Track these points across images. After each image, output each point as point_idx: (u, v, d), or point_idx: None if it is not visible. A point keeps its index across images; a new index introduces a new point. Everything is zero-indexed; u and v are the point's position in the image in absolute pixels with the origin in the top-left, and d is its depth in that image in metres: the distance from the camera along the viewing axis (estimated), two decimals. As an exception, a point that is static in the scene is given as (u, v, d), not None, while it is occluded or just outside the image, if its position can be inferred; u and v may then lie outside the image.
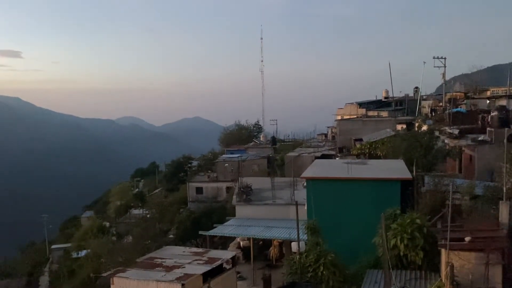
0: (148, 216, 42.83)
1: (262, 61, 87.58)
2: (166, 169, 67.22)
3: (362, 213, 20.07)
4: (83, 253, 35.89)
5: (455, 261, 13.67)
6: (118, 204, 60.28)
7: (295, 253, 18.77)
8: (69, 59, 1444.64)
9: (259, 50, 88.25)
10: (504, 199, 17.27)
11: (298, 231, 18.09)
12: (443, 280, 13.30)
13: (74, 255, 38.64)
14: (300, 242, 18.12)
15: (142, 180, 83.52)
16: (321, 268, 15.92)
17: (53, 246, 50.80)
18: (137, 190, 69.90)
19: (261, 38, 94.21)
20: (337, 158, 38.45)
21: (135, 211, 54.29)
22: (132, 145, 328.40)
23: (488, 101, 53.25)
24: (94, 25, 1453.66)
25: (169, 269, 19.36)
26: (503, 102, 48.52)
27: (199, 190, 44.95)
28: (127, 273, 19.29)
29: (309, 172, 23.38)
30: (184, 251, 22.65)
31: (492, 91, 60.13)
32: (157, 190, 63.70)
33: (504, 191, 17.55)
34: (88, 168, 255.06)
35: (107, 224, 48.54)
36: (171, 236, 36.55)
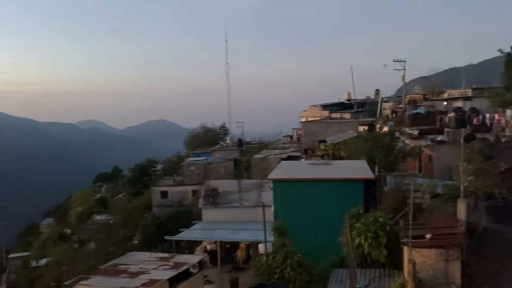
0: (111, 222, 41.75)
1: (227, 63, 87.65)
2: (130, 173, 65.79)
3: (327, 213, 20.36)
4: (43, 261, 34.50)
5: (417, 258, 14.10)
6: (79, 210, 58.53)
7: (262, 255, 18.82)
8: (26, 60, 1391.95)
9: (224, 52, 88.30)
10: (461, 197, 18.01)
11: (265, 232, 18.16)
12: (406, 277, 13.66)
13: (34, 263, 37.07)
14: (267, 244, 18.18)
15: (104, 185, 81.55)
16: (288, 268, 16.04)
17: (10, 255, 48.62)
18: (99, 195, 68.22)
19: (226, 40, 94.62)
20: (302, 160, 38.92)
21: (98, 217, 52.81)
22: (93, 149, 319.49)
23: (445, 103, 55.48)
24: (53, 25, 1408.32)
25: (134, 275, 18.96)
26: (459, 103, 50.68)
27: (164, 194, 44.23)
28: (90, 280, 18.75)
29: (275, 174, 23.53)
30: (149, 257, 22.25)
31: (449, 93, 62.64)
32: (120, 195, 62.33)
33: (462, 189, 18.30)
34: (48, 174, 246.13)
35: (69, 231, 46.96)
36: (135, 241, 35.80)
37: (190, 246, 32.23)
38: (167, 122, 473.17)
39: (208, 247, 29.04)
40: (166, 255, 23.28)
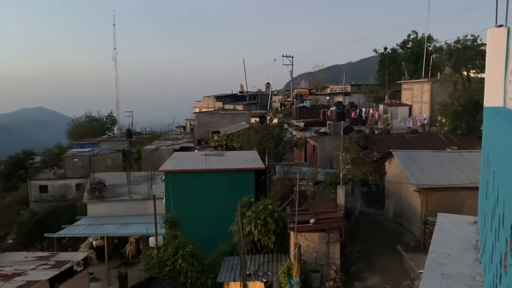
0: (-21, 221, 37.21)
1: (115, 48, 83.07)
2: (2, 166, 59.05)
3: (220, 203, 20.66)
4: None
5: (302, 242, 15.08)
6: None
7: (153, 248, 18.42)
8: None
9: (112, 37, 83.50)
10: (340, 183, 19.65)
11: (156, 225, 17.78)
12: (292, 261, 14.52)
13: None
14: (158, 237, 17.84)
15: (-30, 180, 72.03)
16: (180, 260, 15.96)
17: None
18: (-36, 191, 60.14)
19: (114, 25, 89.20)
20: (195, 151, 38.76)
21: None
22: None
23: (328, 97, 59.72)
24: None
25: (8, 278, 17.16)
26: (340, 98, 54.94)
27: (43, 189, 40.66)
28: (-47, 288, 16.52)
29: (167, 165, 23.12)
30: (26, 257, 20.31)
31: (331, 88, 67.66)
32: (-10, 191, 55.70)
33: (341, 176, 19.95)
34: None
35: None
36: (10, 241, 32.49)
37: (73, 243, 30.21)
38: (46, 110, 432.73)
39: (94, 243, 27.50)
40: (46, 253, 21.48)
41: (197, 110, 66.98)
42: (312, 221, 15.80)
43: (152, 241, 20.42)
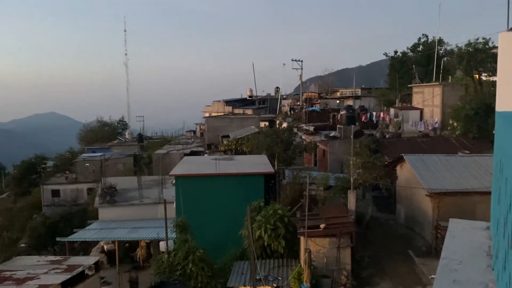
0: (-8, 224, 37.66)
1: (126, 54, 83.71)
2: (15, 170, 59.79)
3: (229, 207, 20.66)
4: None
5: (312, 247, 15.00)
6: (-47, 213, 51.67)
7: (163, 252, 18.47)
8: None
9: (123, 42, 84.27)
10: (351, 188, 19.53)
11: (166, 229, 17.84)
12: (302, 266, 14.44)
13: None
14: (169, 241, 17.89)
15: (-16, 185, 73.06)
16: (190, 264, 15.97)
17: None
18: (-22, 196, 60.95)
19: (125, 30, 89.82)
20: (205, 155, 38.86)
21: (-24, 220, 47.21)
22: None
23: (338, 101, 59.55)
24: None
25: (20, 282, 17.32)
26: (350, 102, 54.76)
27: (55, 193, 41.06)
28: (-33, 292, 16.72)
29: (178, 170, 23.20)
30: (38, 261, 20.50)
31: (341, 92, 67.43)
32: (4, 195, 56.43)
33: (351, 181, 19.83)
34: None
35: None
36: (22, 245, 32.78)
37: (85, 247, 30.43)
38: (58, 115, 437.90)
39: (105, 247, 27.66)
40: (58, 258, 21.65)
41: (207, 114, 67.20)
42: (322, 226, 15.70)
43: (162, 245, 20.47)
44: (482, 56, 34.90)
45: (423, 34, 50.99)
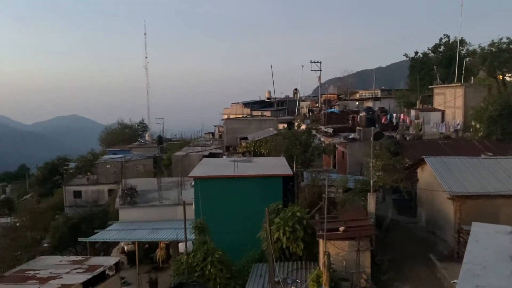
0: (17, 224, 38.59)
1: (146, 57, 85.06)
2: (38, 172, 61.25)
3: (248, 209, 20.67)
4: None
5: (331, 250, 14.87)
6: (-20, 213, 53.18)
7: (182, 253, 18.60)
8: None
9: (143, 46, 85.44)
10: (371, 191, 19.33)
11: (185, 231, 17.95)
12: (321, 269, 14.35)
13: None
14: (188, 242, 18.01)
15: (9, 185, 75.11)
16: (208, 266, 16.04)
17: None
18: (3, 196, 62.74)
19: (145, 34, 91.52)
20: (224, 157, 39.04)
21: (2, 220, 48.49)
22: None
23: (357, 103, 59.07)
24: None
25: (43, 281, 17.69)
26: (369, 103, 54.23)
27: (77, 194, 41.85)
28: (-8, 290, 17.16)
29: (196, 171, 23.35)
30: (61, 261, 20.87)
31: (360, 93, 66.86)
32: (27, 196, 57.80)
33: (371, 183, 19.63)
34: None
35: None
36: (45, 245, 33.50)
37: (106, 248, 30.89)
38: (80, 118, 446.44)
39: (125, 248, 28.03)
40: (79, 258, 22.01)
41: (225, 116, 67.52)
42: (341, 229, 15.57)
43: (181, 246, 20.62)
44: (506, 56, 34.13)
45: (444, 35, 50.27)
